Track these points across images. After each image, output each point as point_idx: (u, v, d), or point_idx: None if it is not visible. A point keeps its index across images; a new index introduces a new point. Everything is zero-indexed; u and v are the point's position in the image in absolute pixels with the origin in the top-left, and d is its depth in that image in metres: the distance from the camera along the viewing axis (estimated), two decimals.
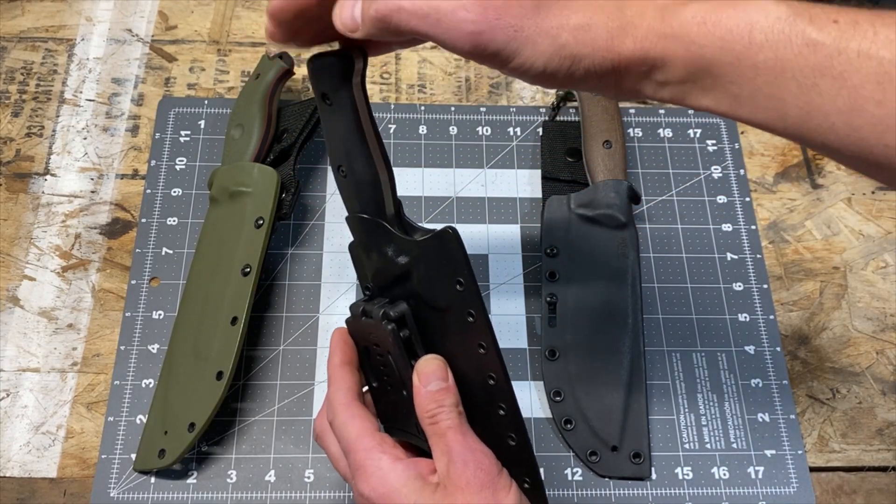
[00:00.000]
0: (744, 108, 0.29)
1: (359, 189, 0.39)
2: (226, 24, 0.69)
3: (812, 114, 0.27)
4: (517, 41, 0.30)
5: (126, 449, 0.51)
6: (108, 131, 0.63)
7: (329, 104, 0.37)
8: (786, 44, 0.27)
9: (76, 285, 0.56)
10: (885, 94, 0.26)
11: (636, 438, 0.52)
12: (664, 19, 0.30)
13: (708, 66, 0.29)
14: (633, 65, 0.30)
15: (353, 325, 0.41)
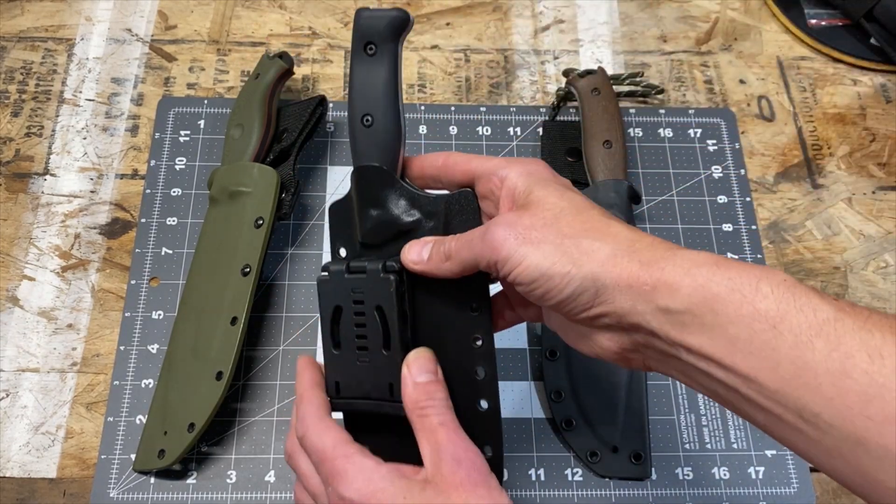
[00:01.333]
0: (738, 353, 0.29)
1: (381, 139, 0.40)
2: (225, 24, 0.69)
3: (804, 369, 0.28)
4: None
5: (126, 449, 0.51)
6: (107, 131, 0.63)
7: (371, 54, 0.39)
8: (789, 299, 0.29)
9: (76, 285, 0.56)
10: (872, 365, 0.27)
11: (636, 439, 0.52)
12: (675, 254, 0.32)
13: (712, 301, 0.30)
14: (641, 282, 0.32)
15: (330, 283, 0.40)
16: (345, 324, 0.40)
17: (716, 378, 0.31)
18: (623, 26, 0.71)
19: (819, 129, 0.66)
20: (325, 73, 0.67)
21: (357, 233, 0.41)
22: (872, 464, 0.27)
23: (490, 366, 0.40)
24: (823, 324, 0.28)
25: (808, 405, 0.28)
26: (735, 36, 0.71)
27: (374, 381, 0.39)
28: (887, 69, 0.69)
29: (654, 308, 0.32)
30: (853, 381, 0.27)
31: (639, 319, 0.32)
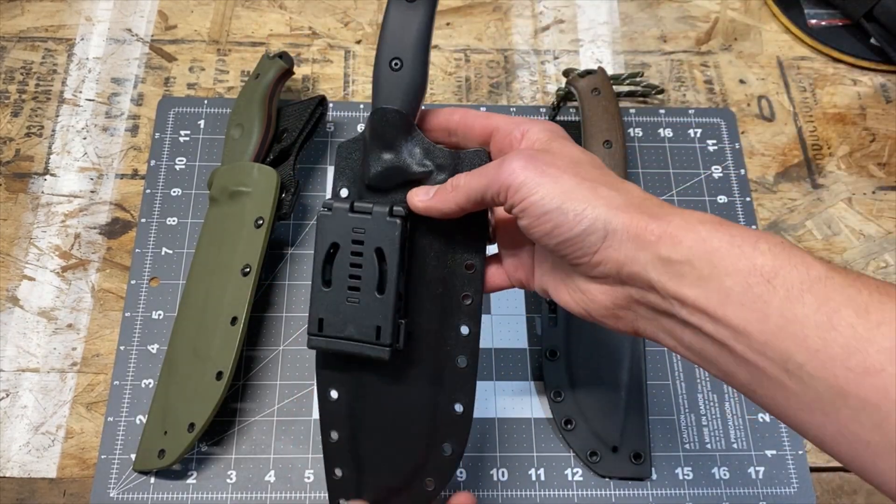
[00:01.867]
0: (731, 305, 0.31)
1: (407, 84, 0.40)
2: (225, 24, 0.69)
3: (792, 321, 0.29)
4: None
5: (126, 449, 0.51)
6: (107, 131, 0.63)
7: (411, 2, 0.40)
8: (785, 257, 0.30)
9: (76, 285, 0.56)
10: (858, 320, 0.28)
11: (636, 438, 0.52)
12: (682, 211, 0.34)
13: (712, 254, 0.31)
14: (647, 232, 0.33)
15: (332, 219, 0.40)
16: (339, 262, 0.40)
17: (705, 332, 0.32)
18: (623, 26, 0.71)
19: (819, 129, 0.66)
20: (325, 73, 0.67)
21: (365, 175, 0.41)
22: (850, 415, 0.28)
23: (475, 324, 0.41)
24: (815, 281, 0.29)
25: (793, 356, 0.29)
26: (735, 36, 0.71)
27: (362, 322, 0.40)
28: (887, 69, 0.69)
29: (655, 258, 0.32)
30: (838, 334, 0.28)
31: (638, 269, 0.33)
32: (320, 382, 0.43)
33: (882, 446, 0.28)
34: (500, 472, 0.51)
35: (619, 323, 0.36)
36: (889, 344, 0.27)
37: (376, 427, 0.42)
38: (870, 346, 0.28)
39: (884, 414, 0.27)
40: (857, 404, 0.28)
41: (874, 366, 0.27)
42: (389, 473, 0.42)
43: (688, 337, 0.33)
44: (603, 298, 0.36)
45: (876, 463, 0.28)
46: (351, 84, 0.66)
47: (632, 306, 0.35)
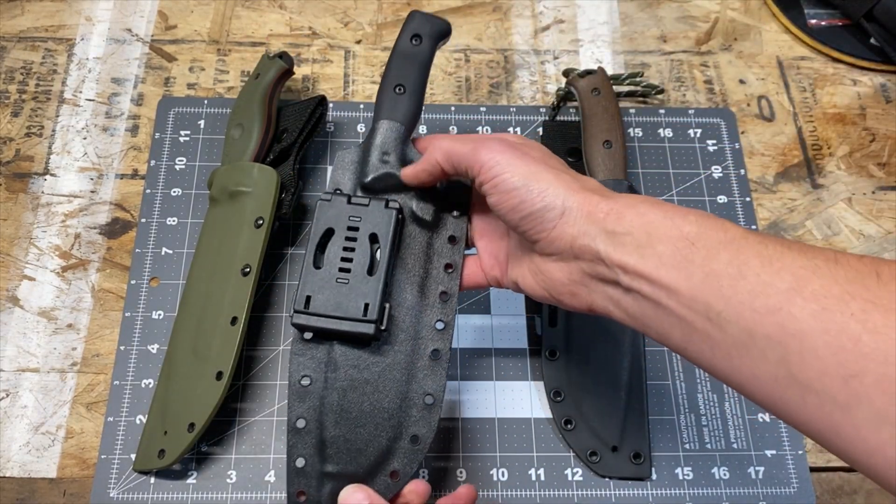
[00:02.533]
0: (663, 267, 0.35)
1: (408, 106, 0.48)
2: (226, 24, 0.69)
3: (710, 275, 0.33)
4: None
5: (126, 449, 0.51)
6: (107, 131, 0.63)
7: (416, 44, 0.50)
8: (709, 224, 0.35)
9: (76, 285, 0.56)
10: (762, 269, 0.32)
11: (636, 438, 0.52)
12: (629, 195, 0.39)
13: (648, 226, 0.36)
14: (598, 210, 0.38)
15: (330, 206, 0.46)
16: (333, 246, 0.45)
17: (643, 295, 0.36)
18: (623, 26, 0.71)
19: (819, 129, 0.66)
20: (325, 73, 0.67)
21: (363, 175, 0.47)
22: (758, 354, 0.31)
23: (450, 320, 0.46)
24: (731, 241, 0.34)
25: (713, 305, 0.33)
26: (735, 36, 0.71)
27: (351, 301, 0.44)
28: (887, 69, 0.69)
29: (602, 231, 0.37)
30: (746, 282, 0.32)
31: (588, 241, 0.38)
32: (294, 369, 0.44)
33: (786, 380, 0.31)
34: (500, 472, 0.51)
35: (575, 300, 0.40)
36: (786, 286, 0.31)
37: (344, 413, 0.43)
38: (770, 289, 0.31)
39: (784, 348, 0.30)
40: (763, 342, 0.31)
41: (774, 305, 0.31)
42: (354, 461, 0.43)
43: (631, 304, 0.37)
44: (560, 275, 0.40)
45: (783, 397, 0.31)
46: (351, 84, 0.66)
47: (584, 280, 0.39)
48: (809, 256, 0.32)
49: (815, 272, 0.31)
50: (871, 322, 0.29)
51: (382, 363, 0.44)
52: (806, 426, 0.31)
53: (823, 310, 0.30)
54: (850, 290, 0.30)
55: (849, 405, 0.29)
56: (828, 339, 0.29)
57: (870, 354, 0.28)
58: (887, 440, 0.28)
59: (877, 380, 0.28)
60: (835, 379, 0.29)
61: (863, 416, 0.28)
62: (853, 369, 0.29)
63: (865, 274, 0.30)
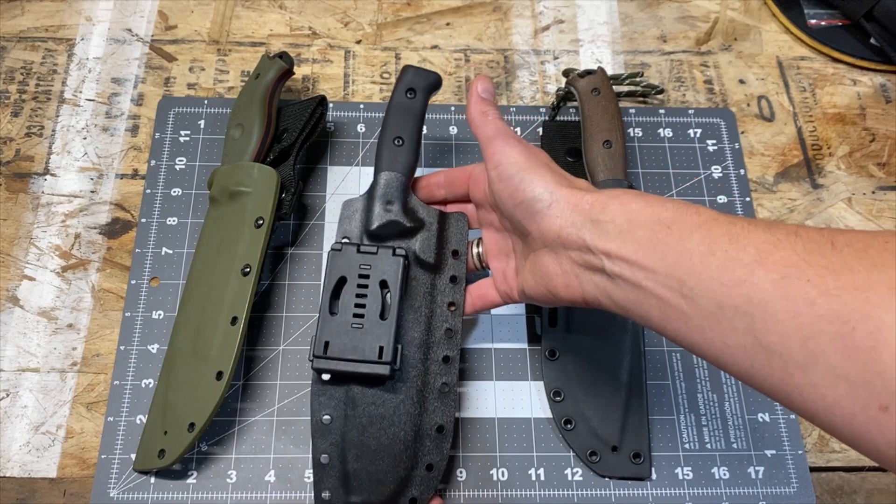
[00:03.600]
0: (642, 250, 0.37)
1: (405, 157, 0.51)
2: (226, 24, 0.69)
3: (683, 254, 0.36)
4: None
5: (126, 449, 0.51)
6: (107, 131, 0.63)
7: (410, 98, 0.53)
8: (684, 209, 0.38)
9: (76, 285, 0.56)
10: (730, 245, 0.34)
11: (636, 438, 0.52)
12: (613, 189, 0.42)
13: (629, 214, 0.39)
14: (584, 202, 0.41)
15: (341, 256, 0.49)
16: (346, 293, 0.48)
17: (625, 278, 0.38)
18: (623, 26, 0.71)
19: (819, 129, 0.66)
20: (325, 73, 0.67)
21: (368, 224, 0.50)
22: (728, 325, 0.33)
23: (454, 353, 0.49)
24: (703, 223, 0.36)
25: (686, 282, 0.35)
26: (735, 36, 0.71)
27: (366, 344, 0.47)
28: (887, 69, 0.69)
29: (587, 220, 0.40)
30: (715, 258, 0.34)
31: (574, 231, 0.41)
32: (315, 408, 0.47)
33: (753, 347, 0.32)
34: (500, 472, 0.51)
35: (569, 291, 0.42)
36: (750, 259, 0.33)
37: (365, 448, 0.46)
38: (736, 262, 0.33)
39: (750, 316, 0.32)
40: (731, 313, 0.33)
41: (740, 278, 0.33)
42: (376, 491, 0.46)
43: (615, 290, 0.39)
44: (553, 267, 0.43)
45: (752, 364, 0.33)
46: (351, 84, 0.66)
47: (575, 271, 0.41)
48: (773, 231, 0.34)
49: (777, 245, 0.33)
50: (824, 286, 0.31)
51: (396, 399, 0.47)
52: (773, 390, 0.33)
53: (783, 278, 0.32)
54: (808, 258, 0.32)
55: (807, 365, 0.31)
56: (786, 304, 0.31)
57: (824, 316, 0.30)
58: (843, 395, 0.30)
59: (831, 339, 0.30)
60: (794, 341, 0.31)
61: (820, 374, 0.30)
62: (810, 331, 0.30)
63: (822, 243, 0.32)
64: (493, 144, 0.46)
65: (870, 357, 0.29)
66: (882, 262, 0.30)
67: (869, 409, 0.29)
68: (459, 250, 0.51)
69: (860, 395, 0.29)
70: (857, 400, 0.29)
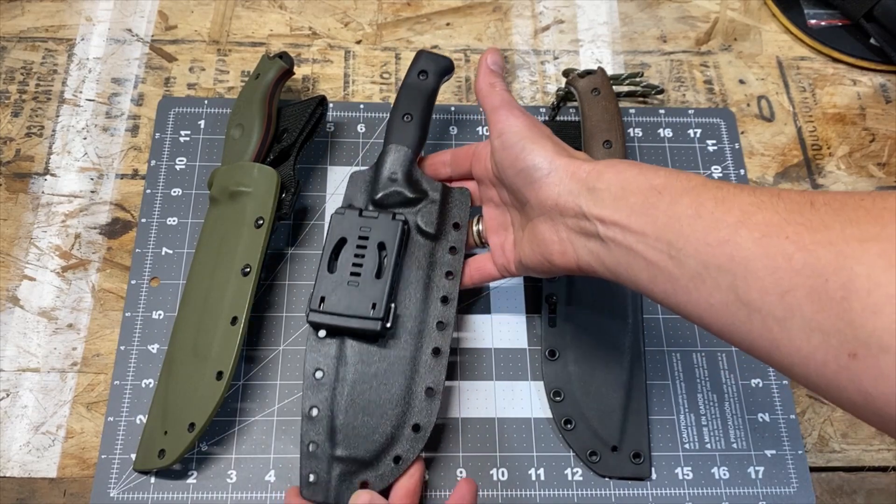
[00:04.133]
0: (634, 215, 0.39)
1: (414, 132, 0.54)
2: (226, 24, 0.69)
3: (673, 218, 0.37)
4: None
5: (126, 449, 0.51)
6: (107, 131, 0.63)
7: (423, 79, 0.56)
8: (675, 176, 0.39)
9: (76, 285, 0.56)
10: (716, 208, 0.36)
11: (636, 438, 0.52)
12: (610, 159, 0.44)
13: (623, 182, 0.40)
14: (581, 171, 0.43)
15: (343, 218, 0.51)
16: (345, 252, 0.50)
17: (618, 242, 0.39)
18: (623, 26, 0.71)
19: (819, 129, 0.66)
20: (325, 73, 0.67)
21: (373, 192, 0.53)
22: (712, 283, 0.35)
23: (449, 321, 0.50)
24: (692, 188, 0.38)
25: (674, 243, 0.36)
26: (735, 36, 0.71)
27: (360, 301, 0.49)
28: (887, 69, 0.69)
29: (584, 188, 0.42)
30: (701, 220, 0.36)
31: (571, 198, 0.42)
32: (308, 363, 0.49)
33: (735, 304, 0.34)
34: (500, 472, 0.51)
35: (565, 258, 0.44)
36: (734, 220, 0.34)
37: (354, 404, 0.48)
38: (721, 223, 0.35)
39: (733, 274, 0.34)
40: (715, 272, 0.34)
41: (723, 238, 0.34)
42: (361, 447, 0.47)
43: (608, 255, 0.41)
44: (549, 235, 0.44)
45: (734, 321, 0.34)
46: (351, 84, 0.66)
47: (571, 237, 0.43)
48: (757, 194, 0.35)
49: (760, 206, 0.34)
50: (801, 241, 0.32)
51: (388, 358, 0.49)
52: (753, 346, 0.34)
53: (763, 236, 0.33)
54: (788, 217, 0.33)
55: (784, 318, 0.32)
56: (766, 261, 0.32)
57: (801, 270, 0.31)
58: (816, 345, 0.31)
59: (807, 292, 0.31)
60: (773, 296, 0.32)
61: (796, 327, 0.31)
62: (787, 285, 0.32)
63: (802, 203, 0.33)
64: (498, 114, 0.48)
65: (841, 307, 0.30)
66: (856, 217, 0.31)
67: (840, 358, 0.30)
68: (460, 223, 0.53)
69: (832, 343, 0.30)
70: (828, 349, 0.30)
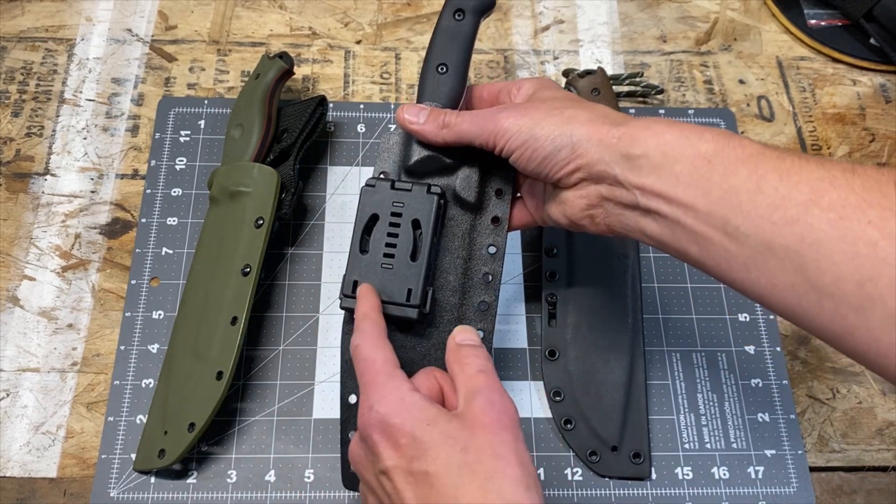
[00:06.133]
0: (681, 186, 0.36)
1: (450, 85, 0.48)
2: (226, 24, 0.69)
3: (729, 192, 0.34)
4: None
5: (126, 449, 0.51)
6: (108, 131, 0.63)
7: (459, 20, 0.49)
8: (725, 141, 0.36)
9: (76, 285, 0.56)
10: (780, 182, 0.33)
11: (636, 438, 0.52)
12: (640, 117, 0.39)
13: (664, 146, 0.37)
14: (609, 136, 0.39)
15: (374, 193, 0.46)
16: (377, 231, 0.46)
17: (662, 214, 0.37)
18: (623, 26, 0.71)
19: (819, 129, 0.66)
20: (325, 73, 0.67)
21: (406, 160, 0.47)
22: (776, 264, 0.33)
23: (493, 299, 0.47)
24: (749, 157, 0.34)
25: (731, 220, 0.34)
26: (735, 36, 0.71)
27: (395, 286, 0.45)
28: (887, 69, 0.69)
29: (618, 156, 0.38)
30: (764, 196, 0.33)
31: (604, 167, 0.39)
32: (344, 349, 0.46)
33: (803, 287, 0.32)
34: None
35: (594, 224, 0.41)
36: (804, 198, 0.32)
37: None
38: (788, 202, 0.32)
39: (802, 257, 0.31)
40: (781, 252, 0.32)
41: (792, 217, 0.32)
42: None
43: (649, 224, 0.38)
44: (579, 202, 0.41)
45: (801, 304, 0.32)
46: (351, 84, 0.66)
47: (603, 204, 0.40)
48: (827, 168, 0.32)
49: (833, 183, 0.32)
50: (888, 228, 0.29)
51: (427, 344, 0.46)
52: (822, 330, 0.32)
53: (840, 218, 0.31)
54: (868, 198, 0.30)
55: (863, 307, 0.30)
56: (844, 246, 0.30)
57: (886, 259, 0.29)
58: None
59: (892, 282, 0.29)
60: (850, 283, 0.30)
61: (877, 317, 0.30)
62: (869, 273, 0.30)
63: (883, 182, 0.31)
64: (489, 128, 0.43)
65: None
66: None
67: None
68: (504, 189, 0.48)
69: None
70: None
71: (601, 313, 0.55)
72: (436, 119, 0.45)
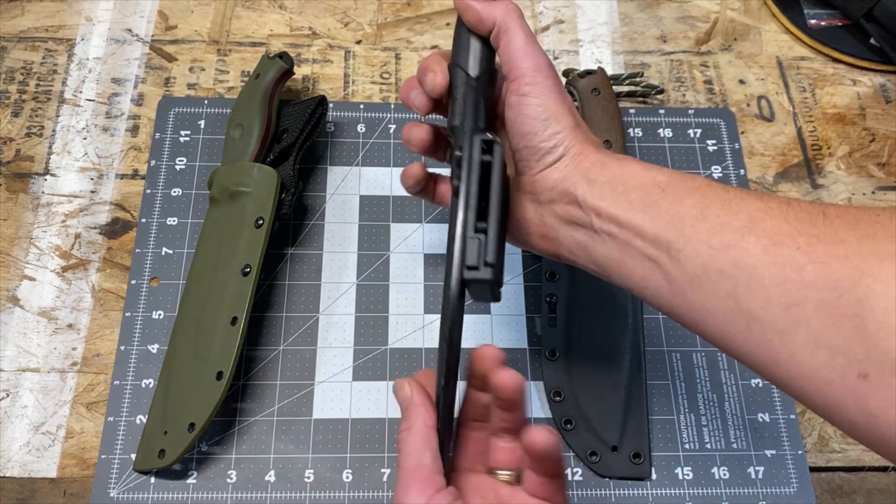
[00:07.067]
0: (633, 210, 0.37)
1: (465, 89, 0.44)
2: (226, 24, 0.69)
3: (675, 217, 0.36)
4: None
5: (126, 449, 0.51)
6: (107, 131, 0.63)
7: None
8: (680, 175, 0.38)
9: (76, 285, 0.56)
10: (722, 211, 0.35)
11: (636, 438, 0.52)
12: (622, 156, 0.42)
13: (626, 177, 0.39)
14: (583, 156, 0.40)
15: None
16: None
17: (612, 235, 0.38)
18: (623, 26, 0.71)
19: (819, 129, 0.66)
20: (325, 73, 0.67)
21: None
22: (711, 287, 0.34)
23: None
24: (697, 188, 0.36)
25: (674, 243, 0.35)
26: (735, 36, 0.71)
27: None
28: (887, 69, 0.69)
29: (584, 178, 0.40)
30: (706, 222, 0.35)
31: (569, 186, 0.40)
32: (456, 316, 0.40)
33: (733, 312, 0.33)
34: None
35: (544, 242, 0.42)
36: (741, 225, 0.33)
37: None
38: (727, 228, 0.34)
39: (734, 281, 0.33)
40: (715, 276, 0.33)
41: (729, 242, 0.33)
42: None
43: (598, 247, 0.39)
44: (532, 216, 0.42)
45: (731, 329, 0.33)
46: (351, 84, 0.66)
47: (556, 224, 0.41)
48: (766, 200, 0.34)
49: (769, 213, 0.33)
50: (815, 254, 0.31)
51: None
52: (749, 356, 0.33)
53: (773, 244, 0.32)
54: (799, 227, 0.32)
55: (787, 331, 0.31)
56: (774, 270, 0.31)
57: (812, 283, 0.30)
58: (821, 362, 0.30)
59: (816, 306, 0.30)
60: (777, 307, 0.31)
61: (800, 341, 0.30)
62: (795, 297, 0.31)
63: (814, 214, 0.32)
64: (521, 64, 0.41)
65: (854, 324, 0.29)
66: (873, 233, 0.30)
67: (847, 377, 0.29)
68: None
69: (839, 362, 0.29)
70: (835, 368, 0.29)
71: (601, 313, 0.55)
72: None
